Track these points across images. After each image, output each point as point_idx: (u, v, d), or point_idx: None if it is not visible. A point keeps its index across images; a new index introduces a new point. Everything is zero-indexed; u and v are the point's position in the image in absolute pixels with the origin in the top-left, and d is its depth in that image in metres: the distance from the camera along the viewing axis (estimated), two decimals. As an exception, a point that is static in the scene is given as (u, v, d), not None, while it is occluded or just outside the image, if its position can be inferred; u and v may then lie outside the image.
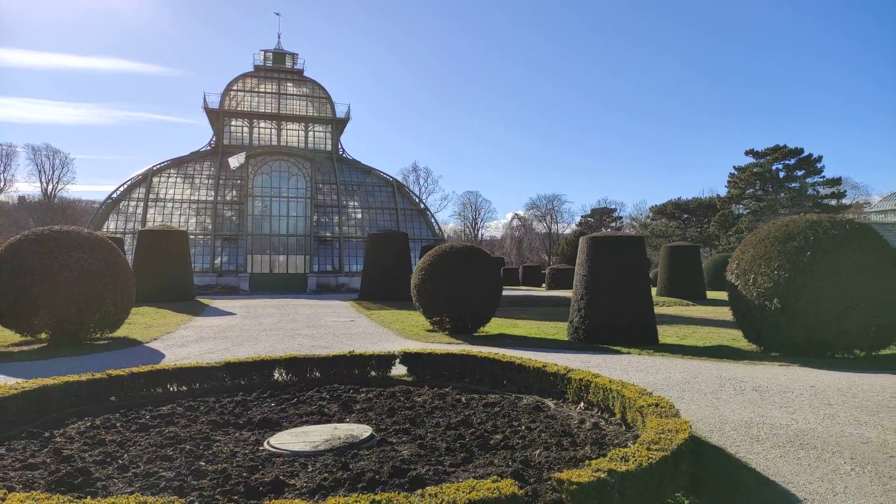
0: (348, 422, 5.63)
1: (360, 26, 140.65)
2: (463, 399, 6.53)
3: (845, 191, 58.28)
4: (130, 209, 37.04)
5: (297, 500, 3.13)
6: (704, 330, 15.40)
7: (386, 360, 7.98)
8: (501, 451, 4.64)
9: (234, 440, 5.08)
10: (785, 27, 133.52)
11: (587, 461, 3.50)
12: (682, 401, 6.83)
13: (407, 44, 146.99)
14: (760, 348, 11.22)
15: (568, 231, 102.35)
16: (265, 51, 44.74)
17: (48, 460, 4.43)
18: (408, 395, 6.81)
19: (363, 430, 5.16)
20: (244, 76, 43.20)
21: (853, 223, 10.58)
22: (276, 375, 7.52)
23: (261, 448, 4.80)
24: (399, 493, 3.00)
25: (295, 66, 44.94)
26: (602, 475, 3.18)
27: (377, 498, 2.92)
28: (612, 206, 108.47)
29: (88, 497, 3.15)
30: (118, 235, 28.73)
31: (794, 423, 5.96)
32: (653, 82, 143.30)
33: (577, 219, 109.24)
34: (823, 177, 60.07)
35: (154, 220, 36.18)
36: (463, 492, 2.94)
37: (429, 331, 14.59)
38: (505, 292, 36.51)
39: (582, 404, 6.13)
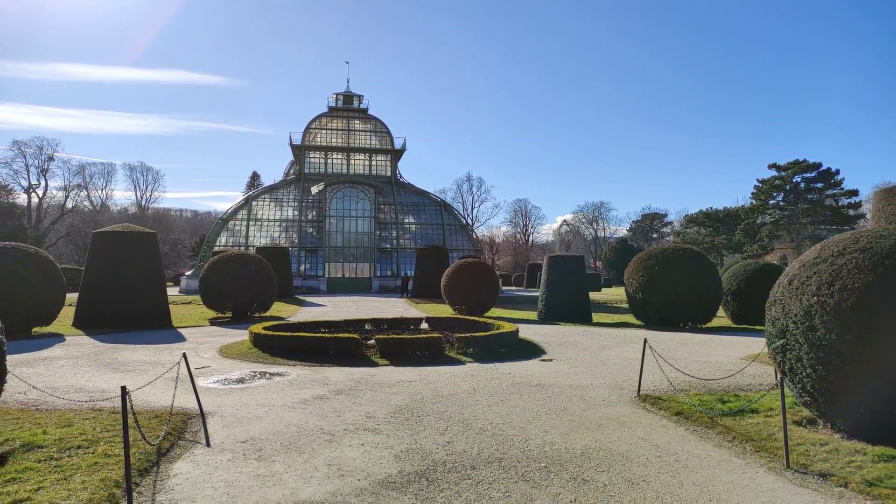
0: (399, 338, 14.08)
1: (417, 60, 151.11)
2: (448, 334, 14.88)
3: (861, 202, 62.54)
4: (237, 227, 47.29)
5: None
6: (637, 316, 22.99)
7: (418, 320, 16.47)
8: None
9: (356, 341, 13.66)
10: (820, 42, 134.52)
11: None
12: (553, 336, 14.92)
13: (460, 69, 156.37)
14: (642, 323, 18.99)
15: (618, 235, 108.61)
16: (337, 94, 54.36)
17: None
18: (426, 333, 15.19)
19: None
20: (320, 116, 52.91)
21: (687, 250, 18.24)
22: (367, 326, 16.10)
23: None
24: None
25: (360, 106, 54.36)
26: (469, 335, 11.53)
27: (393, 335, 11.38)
28: (662, 213, 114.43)
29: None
30: (232, 249, 38.42)
31: (580, 340, 14.01)
32: (692, 99, 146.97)
33: (629, 223, 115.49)
34: (842, 189, 64.57)
35: (254, 236, 46.30)
36: (419, 338, 11.35)
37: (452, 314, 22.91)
38: (526, 293, 44.24)
39: (498, 334, 14.39)
